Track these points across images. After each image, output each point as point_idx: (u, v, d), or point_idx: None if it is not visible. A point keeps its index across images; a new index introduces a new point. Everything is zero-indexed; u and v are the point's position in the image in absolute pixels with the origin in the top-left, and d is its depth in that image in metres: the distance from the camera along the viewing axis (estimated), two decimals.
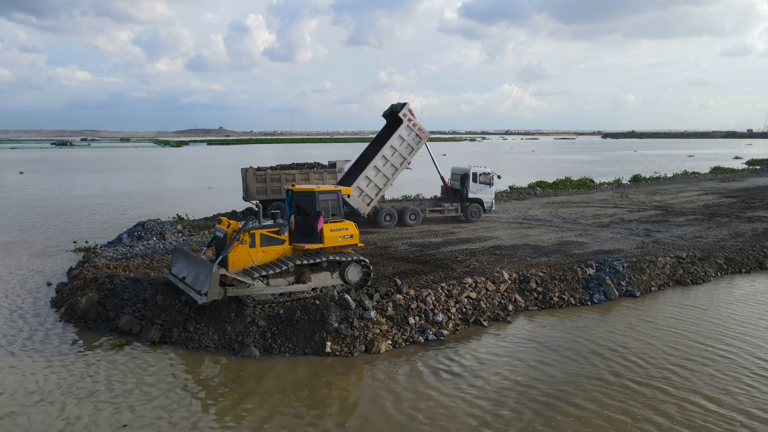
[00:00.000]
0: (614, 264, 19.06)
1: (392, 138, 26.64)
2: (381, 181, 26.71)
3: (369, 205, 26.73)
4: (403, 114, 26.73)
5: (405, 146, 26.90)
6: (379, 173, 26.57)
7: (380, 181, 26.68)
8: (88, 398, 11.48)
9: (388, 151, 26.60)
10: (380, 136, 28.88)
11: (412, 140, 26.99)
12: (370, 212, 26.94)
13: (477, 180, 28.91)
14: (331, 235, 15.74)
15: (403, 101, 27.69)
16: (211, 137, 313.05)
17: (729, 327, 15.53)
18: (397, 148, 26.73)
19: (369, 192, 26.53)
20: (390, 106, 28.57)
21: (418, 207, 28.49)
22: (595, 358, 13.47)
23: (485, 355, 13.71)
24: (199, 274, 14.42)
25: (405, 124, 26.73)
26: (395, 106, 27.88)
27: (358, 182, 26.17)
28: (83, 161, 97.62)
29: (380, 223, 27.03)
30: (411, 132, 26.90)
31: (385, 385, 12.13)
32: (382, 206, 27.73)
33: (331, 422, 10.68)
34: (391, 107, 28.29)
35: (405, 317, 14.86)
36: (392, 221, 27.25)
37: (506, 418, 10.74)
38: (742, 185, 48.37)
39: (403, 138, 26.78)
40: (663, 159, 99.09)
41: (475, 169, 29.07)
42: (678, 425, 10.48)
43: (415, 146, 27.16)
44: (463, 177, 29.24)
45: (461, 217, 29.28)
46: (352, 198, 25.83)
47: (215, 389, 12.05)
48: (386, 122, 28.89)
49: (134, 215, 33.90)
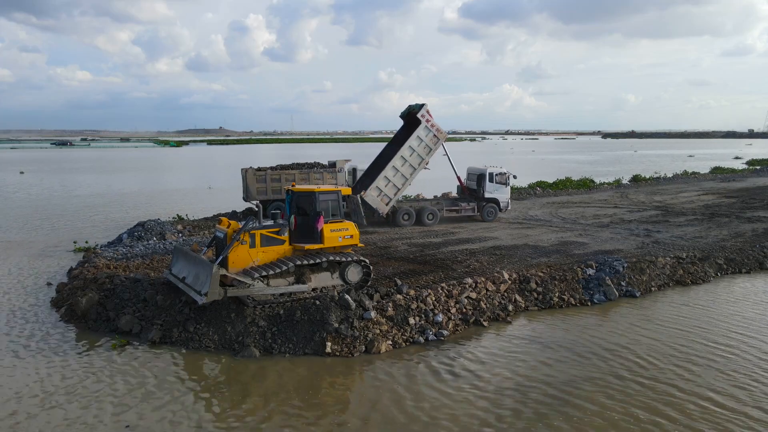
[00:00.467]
0: (614, 264, 19.07)
1: (410, 138, 27.00)
2: (399, 181, 27.10)
3: (388, 205, 27.11)
4: (421, 115, 27.07)
5: (423, 147, 27.28)
6: (397, 173, 26.96)
7: (399, 181, 27.07)
8: (89, 398, 11.49)
9: (406, 152, 26.97)
10: (398, 136, 29.36)
11: (430, 141, 27.36)
12: (388, 212, 27.25)
13: (493, 180, 29.29)
14: (331, 236, 15.74)
15: (421, 102, 28.08)
16: (211, 137, 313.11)
17: (732, 325, 15.58)
18: (416, 148, 27.11)
19: (388, 192, 26.92)
20: (407, 107, 28.90)
21: (435, 207, 28.77)
22: (597, 358, 13.47)
23: (486, 355, 13.72)
24: (199, 275, 14.43)
25: (423, 125, 27.08)
26: (413, 107, 28.17)
27: (377, 182, 26.57)
28: (83, 161, 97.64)
29: (399, 222, 27.40)
30: (429, 132, 27.26)
31: (385, 386, 12.14)
32: (400, 206, 28.16)
33: (331, 422, 10.69)
34: (409, 108, 28.62)
35: (405, 317, 14.87)
36: (410, 220, 27.66)
37: (507, 418, 10.75)
38: (742, 185, 48.38)
39: (421, 138, 27.14)
40: (663, 159, 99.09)
41: (491, 169, 29.47)
42: (685, 425, 10.49)
43: (432, 147, 27.54)
44: (479, 177, 29.58)
45: (477, 217, 29.59)
46: (371, 198, 26.32)
47: (215, 389, 12.06)
48: (403, 123, 29.29)
49: (134, 215, 33.92)
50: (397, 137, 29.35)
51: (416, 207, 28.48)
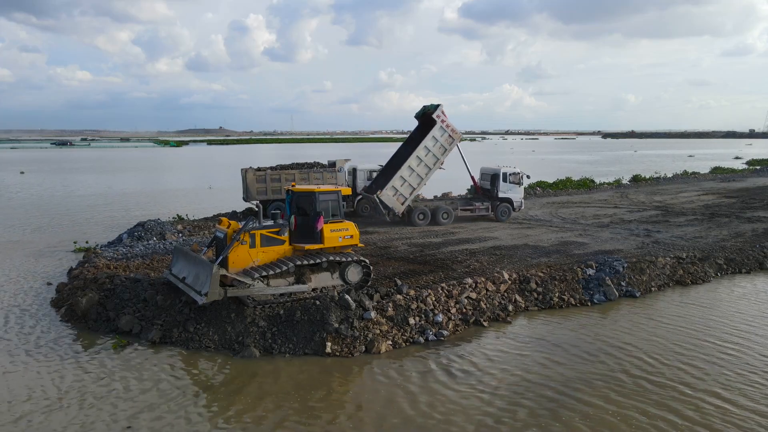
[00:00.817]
0: (614, 264, 19.07)
1: (426, 139, 27.23)
2: (415, 181, 27.35)
3: (403, 204, 27.41)
4: (436, 115, 27.31)
5: (438, 147, 27.52)
6: (413, 173, 27.22)
7: (414, 181, 27.32)
8: (88, 399, 11.49)
9: (422, 152, 27.21)
10: (413, 136, 29.56)
11: (445, 141, 27.60)
12: (404, 211, 27.49)
13: (507, 180, 29.55)
14: (331, 236, 15.74)
15: (436, 102, 28.36)
16: (211, 137, 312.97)
17: (736, 324, 15.65)
18: (431, 148, 27.35)
19: (403, 191, 27.23)
20: (422, 107, 29.18)
21: (450, 206, 28.98)
22: (601, 355, 13.47)
23: (485, 355, 13.71)
24: (199, 275, 14.43)
25: (438, 125, 27.30)
26: (428, 107, 28.43)
27: (392, 182, 26.84)
28: (84, 161, 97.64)
29: (414, 221, 27.74)
30: (444, 133, 27.50)
31: (385, 386, 12.14)
32: (416, 205, 28.39)
33: (330, 422, 10.69)
34: (424, 108, 28.91)
35: (405, 317, 14.87)
36: (426, 220, 27.98)
37: (505, 419, 10.74)
38: (742, 185, 48.38)
39: (436, 139, 27.37)
40: (663, 159, 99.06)
41: (505, 169, 29.74)
42: (697, 423, 10.51)
43: (447, 147, 27.76)
44: (493, 177, 29.88)
45: (491, 216, 29.81)
46: (386, 197, 26.66)
47: (215, 389, 12.06)
48: (418, 123, 29.54)
49: (134, 215, 33.91)
50: (412, 137, 29.66)
51: (431, 206, 28.69)
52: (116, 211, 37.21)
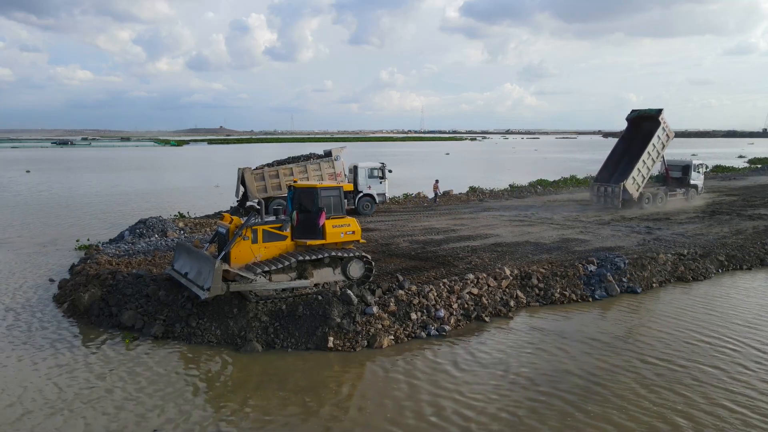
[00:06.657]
0: (615, 261, 19.10)
1: (654, 138, 32.81)
2: (645, 172, 32.95)
3: (638, 191, 32.62)
4: (661, 118, 32.96)
5: (660, 144, 33.36)
6: (645, 165, 32.77)
7: (645, 172, 32.92)
8: (89, 396, 11.52)
9: (651, 148, 32.83)
10: (625, 136, 35.78)
11: (665, 139, 33.48)
12: (638, 195, 32.70)
13: (696, 170, 36.07)
14: (333, 231, 15.79)
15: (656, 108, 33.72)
16: (212, 136, 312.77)
17: (739, 318, 15.73)
18: (656, 145, 33.14)
19: (639, 180, 32.62)
20: (632, 110, 35.20)
21: (660, 190, 34.35)
22: (605, 348, 13.51)
23: (487, 349, 13.74)
24: (201, 270, 14.47)
25: (661, 126, 32.95)
26: (648, 111, 34.14)
27: (633, 173, 32.05)
28: (85, 160, 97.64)
29: (641, 204, 32.86)
30: (664, 132, 33.36)
31: (387, 380, 12.17)
32: (643, 192, 33.37)
33: (332, 416, 10.73)
34: (637, 112, 34.88)
35: (407, 313, 14.91)
36: (650, 203, 33.31)
37: (503, 415, 10.78)
38: (744, 183, 48.38)
39: (659, 137, 33.12)
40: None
41: (695, 161, 36.63)
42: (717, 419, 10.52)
43: (666, 144, 33.73)
44: (684, 167, 36.22)
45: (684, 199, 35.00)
46: (629, 185, 31.90)
47: (218, 384, 12.11)
48: (628, 124, 35.38)
49: (136, 213, 33.92)
50: (624, 137, 35.78)
51: (654, 192, 33.78)
52: (118, 208, 37.25)
